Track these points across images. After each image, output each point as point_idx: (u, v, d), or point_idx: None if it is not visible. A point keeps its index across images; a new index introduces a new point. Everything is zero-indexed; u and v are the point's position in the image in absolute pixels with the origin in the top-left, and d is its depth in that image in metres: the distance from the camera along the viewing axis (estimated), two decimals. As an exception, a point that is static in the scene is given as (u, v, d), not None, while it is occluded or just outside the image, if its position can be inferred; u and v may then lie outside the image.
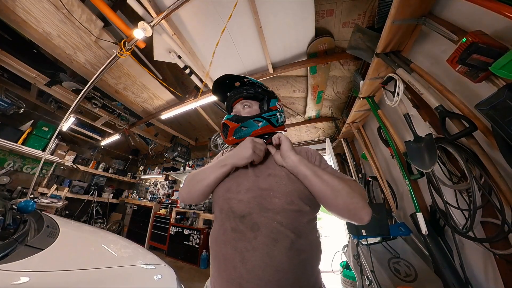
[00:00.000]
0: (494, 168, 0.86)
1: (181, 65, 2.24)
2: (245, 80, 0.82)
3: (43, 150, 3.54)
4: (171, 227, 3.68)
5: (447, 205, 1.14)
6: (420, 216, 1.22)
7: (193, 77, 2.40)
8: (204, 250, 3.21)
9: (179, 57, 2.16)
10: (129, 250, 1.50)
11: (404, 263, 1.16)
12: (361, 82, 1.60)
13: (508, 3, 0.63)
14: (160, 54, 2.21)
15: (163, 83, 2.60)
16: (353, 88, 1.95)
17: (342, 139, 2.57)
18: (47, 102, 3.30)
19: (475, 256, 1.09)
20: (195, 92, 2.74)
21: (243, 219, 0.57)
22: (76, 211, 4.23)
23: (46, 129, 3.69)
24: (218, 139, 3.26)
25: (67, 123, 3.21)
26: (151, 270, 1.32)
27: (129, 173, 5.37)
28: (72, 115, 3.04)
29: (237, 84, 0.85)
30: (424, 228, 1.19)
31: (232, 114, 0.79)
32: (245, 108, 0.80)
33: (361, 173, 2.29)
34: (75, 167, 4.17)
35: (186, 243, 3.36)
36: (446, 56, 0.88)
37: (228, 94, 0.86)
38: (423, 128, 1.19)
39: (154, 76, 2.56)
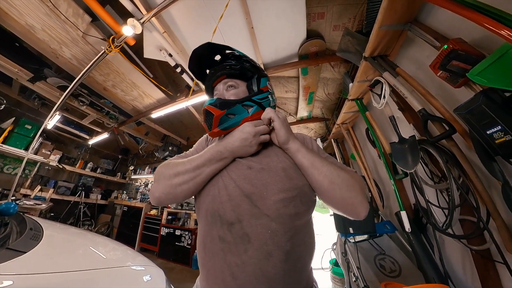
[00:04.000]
0: (471, 169, 0.91)
1: (172, 64, 2.21)
2: (227, 52, 0.66)
3: (26, 149, 3.38)
4: (162, 228, 3.63)
5: (429, 203, 1.20)
6: (404, 215, 1.27)
7: (184, 76, 2.37)
8: (196, 251, 3.18)
9: (170, 55, 2.12)
10: (118, 252, 1.48)
11: (389, 259, 1.21)
12: (350, 84, 1.64)
13: (485, 13, 0.67)
14: (150, 51, 2.17)
15: (154, 81, 2.55)
16: (343, 90, 1.99)
17: (332, 140, 2.63)
18: (30, 99, 3.15)
19: (454, 252, 1.16)
20: (187, 91, 2.71)
21: (231, 228, 0.48)
22: (62, 213, 4.07)
23: (29, 127, 3.52)
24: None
25: (52, 121, 3.08)
26: (140, 271, 1.31)
27: (119, 173, 5.22)
28: (57, 113, 2.92)
29: (218, 58, 0.68)
30: (407, 226, 1.24)
31: (214, 98, 0.63)
32: (230, 89, 0.65)
33: (350, 172, 2.35)
34: (61, 167, 4.01)
35: (178, 244, 3.33)
36: (429, 61, 0.92)
37: (208, 71, 0.70)
38: (407, 130, 1.24)
39: (144, 74, 2.51)
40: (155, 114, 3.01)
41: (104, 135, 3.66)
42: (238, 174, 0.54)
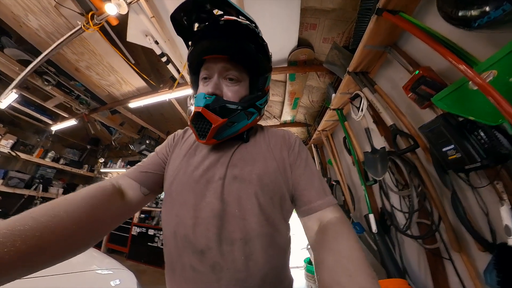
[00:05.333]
0: (429, 179, 1.06)
1: (158, 52, 2.10)
2: (238, 17, 0.46)
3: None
4: (133, 227, 3.43)
5: (393, 208, 1.35)
6: (371, 217, 1.41)
7: (170, 67, 2.27)
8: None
9: (157, 42, 2.00)
10: (82, 254, 1.34)
11: (356, 257, 1.33)
12: (333, 94, 1.75)
13: (450, 48, 0.79)
14: (134, 35, 2.02)
15: (136, 68, 2.39)
16: (326, 99, 2.12)
17: (312, 145, 2.77)
18: (-21, 71, 2.71)
19: (411, 250, 1.32)
20: (171, 82, 2.60)
21: (203, 257, 0.41)
22: (13, 208, 3.53)
23: (-25, 104, 3.01)
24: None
25: (7, 100, 2.68)
26: (107, 275, 1.22)
27: (86, 165, 4.69)
28: (14, 91, 2.55)
29: (217, 12, 0.47)
30: (374, 227, 1.38)
31: (209, 91, 0.47)
32: (231, 83, 0.49)
33: (326, 177, 2.51)
34: (14, 154, 3.49)
35: (151, 244, 3.17)
36: (402, 82, 1.04)
37: (196, 29, 0.50)
38: (379, 142, 1.38)
39: (125, 59, 2.32)
40: (133, 104, 2.82)
41: (71, 122, 3.29)
42: (209, 188, 0.46)
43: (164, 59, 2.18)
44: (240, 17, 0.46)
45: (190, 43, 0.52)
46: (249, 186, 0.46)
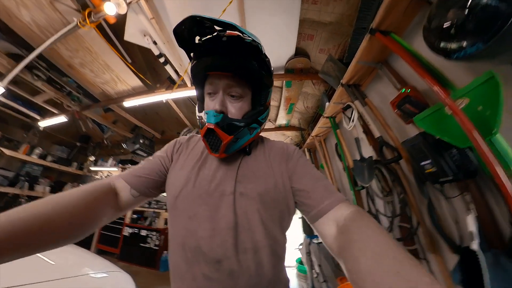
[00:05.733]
0: (409, 187, 1.17)
1: (156, 52, 2.10)
2: (242, 35, 0.43)
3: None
4: (125, 227, 3.35)
5: (378, 212, 1.47)
6: (358, 220, 1.52)
7: (167, 67, 2.27)
8: (164, 252, 3.01)
9: (155, 43, 2.00)
10: (72, 256, 1.23)
11: (344, 258, 1.43)
12: (327, 103, 1.84)
13: (432, 73, 0.88)
14: (132, 35, 2.01)
15: (132, 68, 2.38)
16: (320, 106, 2.21)
17: (306, 149, 2.87)
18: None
19: (391, 252, 1.44)
20: (168, 83, 2.59)
21: (219, 266, 0.44)
22: None
23: (-44, 96, 2.86)
24: (188, 134, 3.17)
25: (-8, 94, 2.58)
26: (103, 279, 1.12)
27: (75, 163, 4.47)
28: (0, 84, 2.45)
29: (218, 30, 0.46)
30: (360, 230, 1.49)
31: (217, 109, 0.49)
32: (235, 100, 0.52)
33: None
34: (-2, 149, 3.35)
35: (143, 245, 3.12)
36: (391, 98, 1.14)
37: (197, 41, 0.49)
38: (367, 151, 1.48)
39: (122, 58, 2.30)
40: (128, 103, 2.79)
41: (61, 118, 3.19)
42: (223, 202, 0.49)
43: (162, 59, 2.18)
44: (244, 35, 0.44)
45: (192, 54, 0.52)
46: (252, 203, 0.49)
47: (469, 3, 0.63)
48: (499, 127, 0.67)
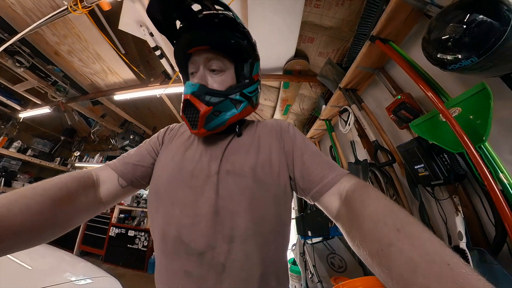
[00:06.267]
0: (402, 190, 1.23)
1: (152, 44, 2.02)
2: (216, 9, 0.45)
3: None
4: (111, 228, 3.21)
5: (369, 213, 1.52)
6: (351, 221, 1.56)
7: (163, 61, 2.21)
8: (154, 253, 2.94)
9: (151, 34, 1.93)
10: (51, 260, 1.14)
11: (338, 257, 1.48)
12: (323, 106, 1.88)
13: (427, 82, 0.93)
14: (127, 24, 1.92)
15: (126, 60, 2.28)
16: (316, 109, 2.26)
17: (300, 149, 2.91)
18: None
19: (381, 251, 1.50)
20: (163, 77, 2.52)
21: (202, 258, 0.38)
22: None
23: None
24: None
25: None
26: (87, 285, 1.02)
27: (58, 158, 4.23)
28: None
29: (198, 8, 0.46)
30: (352, 230, 1.53)
31: (195, 82, 0.47)
32: (215, 74, 0.49)
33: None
34: (-31, 139, 3.09)
35: (130, 246, 3.00)
36: (386, 103, 1.18)
37: (180, 25, 0.49)
38: (362, 154, 1.54)
39: (115, 48, 2.20)
40: (118, 96, 2.68)
41: (45, 109, 3.00)
42: (206, 184, 0.44)
43: (158, 52, 2.11)
44: (217, 6, 0.45)
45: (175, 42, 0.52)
46: (240, 181, 0.43)
47: (466, 19, 0.67)
48: (488, 135, 0.72)
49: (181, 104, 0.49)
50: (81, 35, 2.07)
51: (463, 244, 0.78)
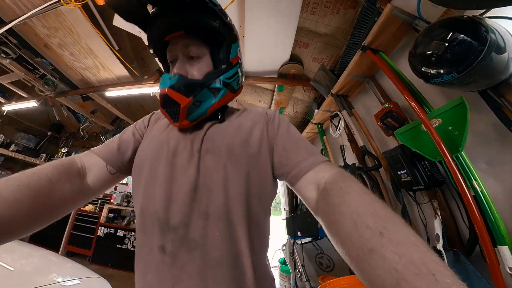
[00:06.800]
0: (386, 193, 1.29)
1: (147, 42, 2.01)
2: None
3: None
4: (100, 227, 3.11)
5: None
6: (339, 222, 1.62)
7: (158, 59, 2.19)
8: None
9: (147, 32, 1.92)
10: (36, 260, 1.08)
11: (327, 257, 1.53)
12: (316, 110, 1.93)
13: (412, 93, 0.99)
14: (122, 20, 1.90)
15: (120, 56, 2.24)
16: (309, 112, 2.31)
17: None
18: None
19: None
20: (157, 75, 2.50)
21: (176, 233, 0.38)
22: None
23: None
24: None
25: None
26: (75, 286, 0.99)
27: (44, 154, 3.98)
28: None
29: None
30: (340, 231, 1.59)
31: (174, 73, 0.46)
32: (193, 62, 0.48)
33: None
34: None
35: (120, 246, 2.92)
36: (375, 111, 1.24)
37: (152, 11, 0.47)
38: (351, 158, 1.59)
39: (109, 44, 2.16)
40: (110, 93, 2.63)
41: (31, 103, 2.88)
42: (182, 159, 0.44)
43: (152, 50, 2.09)
44: None
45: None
46: (218, 158, 0.43)
47: (448, 37, 0.73)
48: (464, 146, 0.78)
49: (159, 98, 0.48)
50: (74, 28, 2.01)
51: (440, 246, 0.83)
